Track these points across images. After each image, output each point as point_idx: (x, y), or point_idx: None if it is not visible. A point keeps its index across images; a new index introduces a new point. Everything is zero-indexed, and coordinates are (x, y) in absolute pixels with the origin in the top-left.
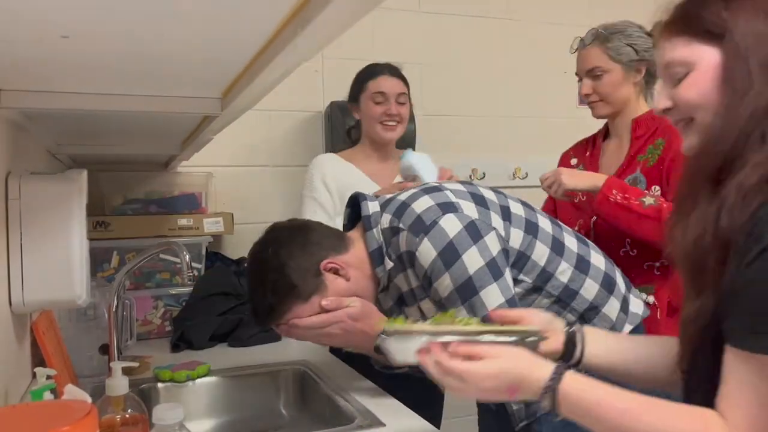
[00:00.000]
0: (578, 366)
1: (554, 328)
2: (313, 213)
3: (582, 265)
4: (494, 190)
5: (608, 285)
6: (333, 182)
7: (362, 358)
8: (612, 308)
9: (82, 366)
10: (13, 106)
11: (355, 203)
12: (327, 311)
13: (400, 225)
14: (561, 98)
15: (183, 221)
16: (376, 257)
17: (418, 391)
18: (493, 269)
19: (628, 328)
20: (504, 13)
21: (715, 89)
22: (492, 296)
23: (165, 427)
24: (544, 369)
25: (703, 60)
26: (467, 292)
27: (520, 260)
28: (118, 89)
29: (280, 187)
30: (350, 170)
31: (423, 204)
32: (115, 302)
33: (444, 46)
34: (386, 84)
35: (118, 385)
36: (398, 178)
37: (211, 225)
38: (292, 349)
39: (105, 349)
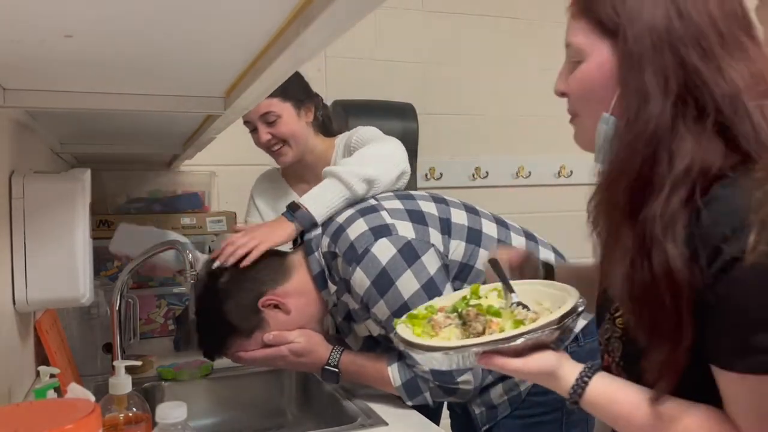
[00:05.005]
0: None
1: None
2: None
3: None
4: (437, 199)
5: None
6: (262, 202)
7: None
8: None
9: (86, 365)
10: (17, 105)
11: None
12: (271, 345)
13: (337, 250)
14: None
15: (186, 220)
16: (319, 281)
17: None
18: (430, 289)
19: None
20: (508, 12)
21: (601, 89)
22: None
23: (168, 426)
24: (574, 370)
25: (594, 54)
26: None
27: (462, 271)
28: (121, 88)
29: None
30: (279, 188)
31: (357, 229)
32: (118, 301)
33: (447, 45)
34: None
35: (122, 383)
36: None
37: (214, 224)
38: None
39: (108, 348)
